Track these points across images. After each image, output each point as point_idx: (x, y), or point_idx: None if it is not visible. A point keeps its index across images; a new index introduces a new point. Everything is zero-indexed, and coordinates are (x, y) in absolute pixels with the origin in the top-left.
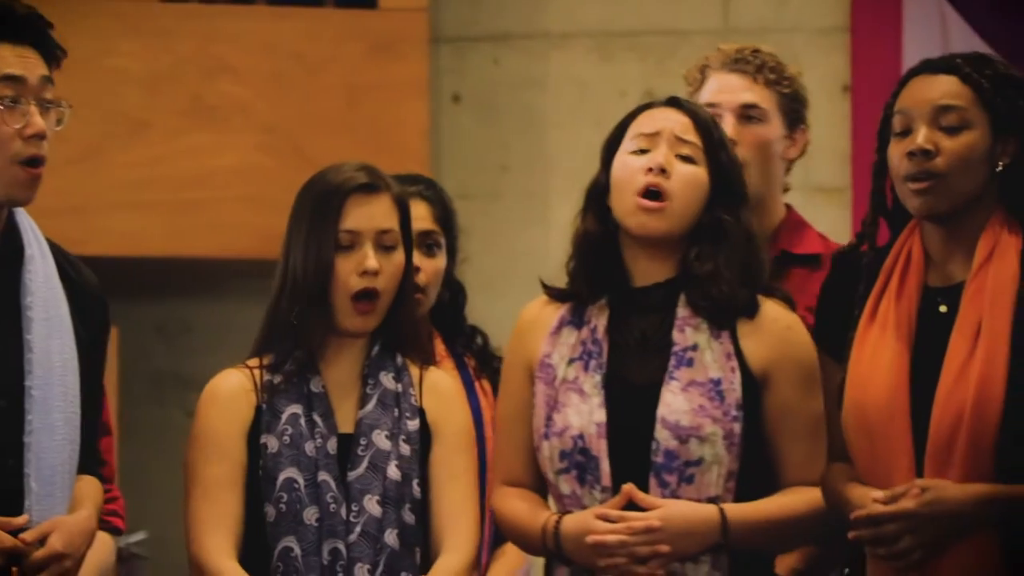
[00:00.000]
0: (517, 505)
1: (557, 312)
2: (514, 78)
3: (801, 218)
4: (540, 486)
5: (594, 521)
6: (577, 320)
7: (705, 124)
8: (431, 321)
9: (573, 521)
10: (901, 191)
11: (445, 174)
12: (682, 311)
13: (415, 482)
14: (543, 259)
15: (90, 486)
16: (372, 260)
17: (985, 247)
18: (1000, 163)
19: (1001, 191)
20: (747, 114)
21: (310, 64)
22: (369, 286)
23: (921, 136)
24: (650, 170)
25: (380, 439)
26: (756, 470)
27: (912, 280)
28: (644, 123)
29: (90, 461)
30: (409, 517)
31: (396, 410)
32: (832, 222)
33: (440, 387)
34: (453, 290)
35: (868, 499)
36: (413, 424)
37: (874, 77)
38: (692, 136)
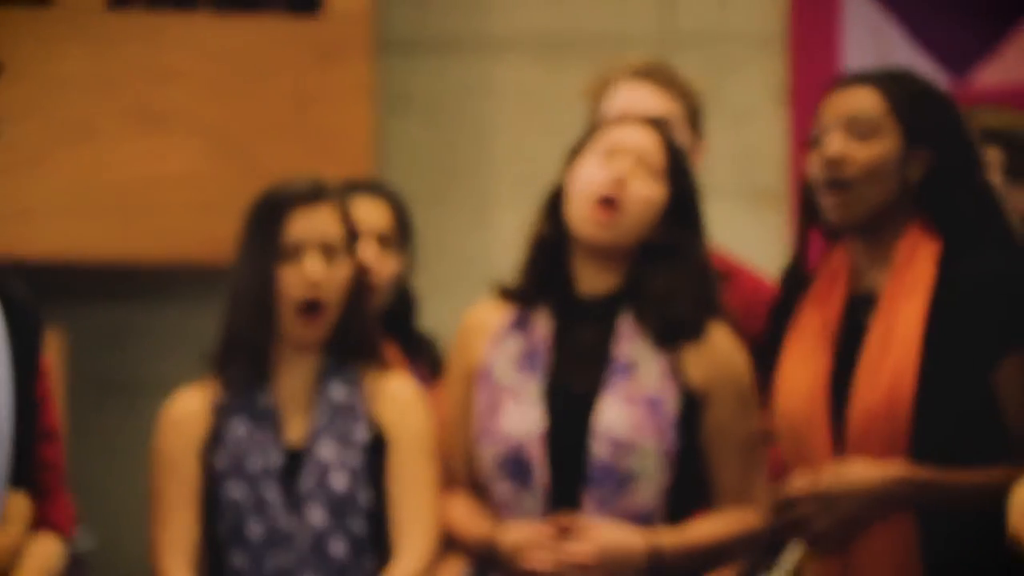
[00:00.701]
0: (459, 513)
1: (501, 317)
2: (460, 84)
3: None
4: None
5: (530, 543)
6: (521, 326)
7: (672, 146)
8: (383, 327)
9: (511, 537)
10: (821, 201)
11: (390, 180)
12: (626, 325)
13: (365, 492)
14: (488, 265)
15: (18, 505)
16: (315, 270)
17: (901, 255)
18: (913, 174)
19: (917, 202)
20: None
21: (255, 70)
22: (313, 296)
23: (833, 144)
24: (608, 181)
25: (328, 451)
26: (689, 487)
27: (836, 290)
28: (611, 136)
29: (24, 471)
30: (359, 527)
31: (345, 421)
32: (770, 228)
33: (397, 394)
34: (406, 299)
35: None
36: (363, 435)
37: (812, 84)
38: (657, 155)
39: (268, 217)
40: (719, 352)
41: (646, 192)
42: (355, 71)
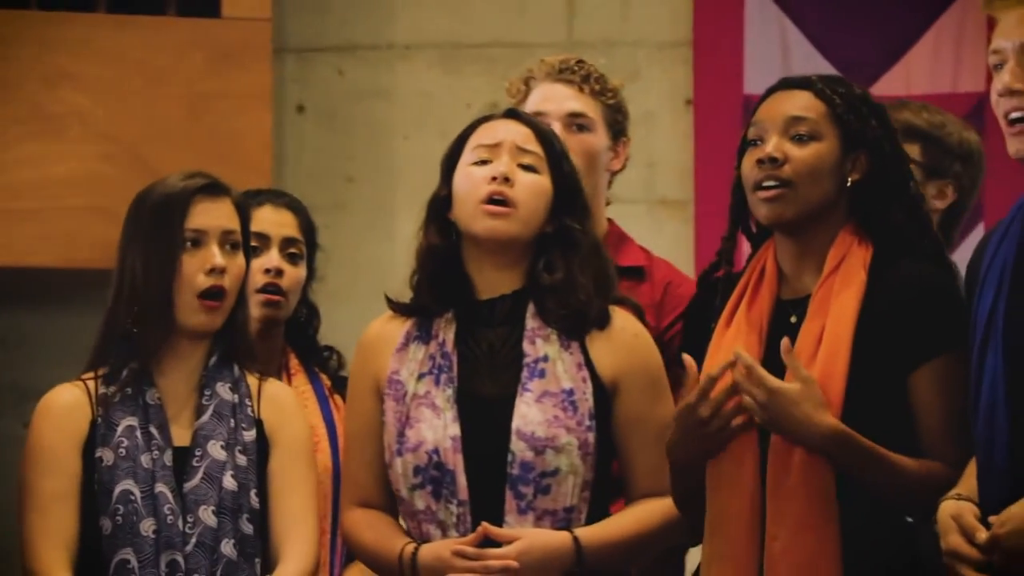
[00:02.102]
0: (372, 529)
1: (402, 327)
2: (359, 89)
3: (622, 231)
4: (391, 505)
5: (451, 558)
6: (424, 335)
7: (546, 135)
8: (285, 337)
9: (431, 553)
10: (751, 201)
11: (289, 185)
12: (531, 322)
13: (252, 492)
14: (388, 271)
15: None
16: (219, 258)
17: (834, 258)
18: (850, 178)
19: (851, 205)
20: (575, 123)
21: (152, 73)
22: (216, 283)
23: (771, 144)
24: (493, 179)
25: (216, 450)
26: (609, 479)
27: (765, 293)
28: (484, 134)
29: None
30: (247, 527)
31: (232, 420)
32: (675, 235)
33: (278, 397)
34: (309, 310)
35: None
36: (249, 435)
37: (716, 91)
38: (533, 146)
39: (168, 207)
40: (625, 339)
41: (531, 184)
42: (254, 75)
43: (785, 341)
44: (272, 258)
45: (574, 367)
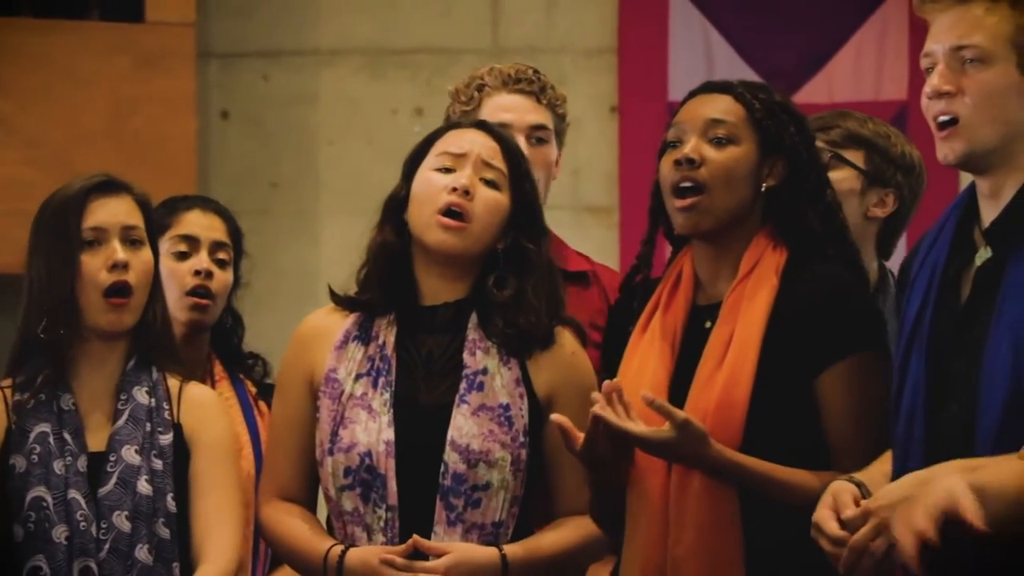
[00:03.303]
0: (295, 525)
1: (342, 324)
2: (284, 94)
3: (558, 237)
4: (311, 500)
5: (380, 566)
6: (364, 335)
7: (513, 152)
8: (210, 343)
9: (359, 558)
10: (669, 207)
11: (213, 190)
12: (473, 333)
13: (169, 496)
14: (313, 276)
15: None
16: (120, 253)
17: (748, 263)
18: (765, 183)
19: (767, 211)
20: (535, 135)
21: (76, 77)
22: (120, 279)
23: (689, 146)
24: (454, 190)
25: (131, 455)
26: (538, 496)
27: (680, 298)
28: (452, 142)
29: None
30: (163, 532)
31: (149, 425)
32: (600, 242)
33: (200, 400)
34: (234, 317)
35: None
36: (166, 438)
37: (641, 98)
38: (498, 162)
39: (65, 209)
40: (563, 356)
41: (490, 200)
42: (178, 80)
43: (645, 393)
44: (202, 260)
45: (512, 382)
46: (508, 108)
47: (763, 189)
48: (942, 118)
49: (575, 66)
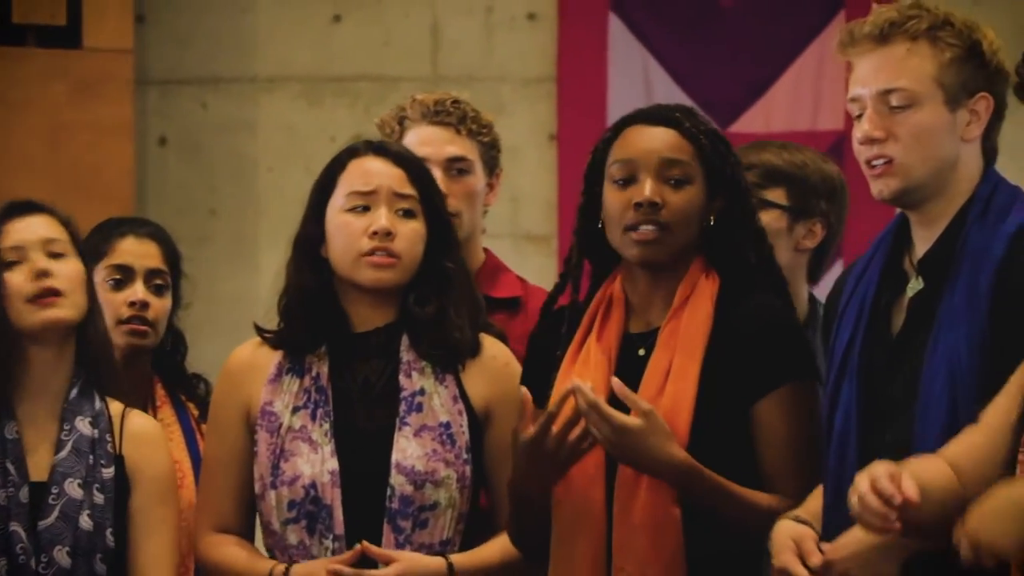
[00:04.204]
0: (234, 552)
1: (273, 357)
2: (222, 121)
3: (499, 262)
4: (249, 534)
5: None
6: (297, 367)
7: (419, 174)
8: (152, 366)
9: (305, 572)
10: (620, 239)
11: (151, 217)
12: (406, 355)
13: (108, 532)
14: (252, 304)
15: None
16: (41, 263)
17: (683, 292)
18: (711, 217)
19: (703, 240)
20: (455, 167)
21: (12, 104)
22: (43, 286)
23: (648, 188)
24: (375, 234)
25: (73, 488)
26: (480, 511)
27: (613, 326)
28: (357, 178)
29: None
30: (100, 568)
31: (91, 457)
32: (539, 269)
33: (141, 433)
34: (175, 337)
35: None
36: (108, 472)
37: (580, 126)
38: (408, 188)
39: None
40: (497, 368)
41: (412, 233)
42: (116, 107)
43: (614, 379)
44: (137, 291)
45: (450, 400)
46: (426, 141)
47: (711, 222)
48: (876, 161)
49: (514, 94)
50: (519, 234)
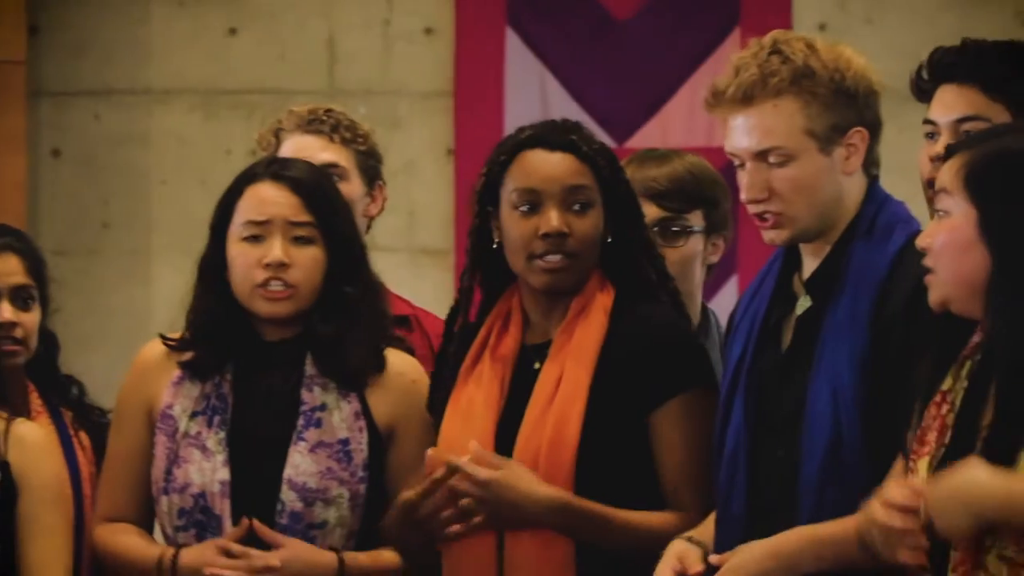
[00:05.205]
0: (127, 539)
1: (180, 359)
2: (116, 134)
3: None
4: (146, 527)
5: (214, 555)
6: (201, 371)
7: (317, 198)
8: (25, 374)
9: (192, 554)
10: (525, 266)
11: (43, 229)
12: (310, 369)
13: None
14: (144, 316)
15: None
16: None
17: (578, 304)
18: (609, 236)
19: (600, 255)
20: (327, 173)
21: None
22: None
23: (555, 219)
24: (268, 265)
25: None
26: (374, 528)
27: (509, 339)
28: (253, 207)
29: None
30: None
31: None
32: (436, 284)
33: (27, 439)
34: (46, 341)
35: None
36: None
37: (477, 140)
38: (304, 216)
39: None
40: (403, 385)
41: (307, 261)
42: (8, 118)
43: (472, 443)
44: (3, 312)
45: (351, 416)
46: (299, 150)
47: (608, 240)
48: (764, 216)
49: (411, 108)
50: (416, 248)
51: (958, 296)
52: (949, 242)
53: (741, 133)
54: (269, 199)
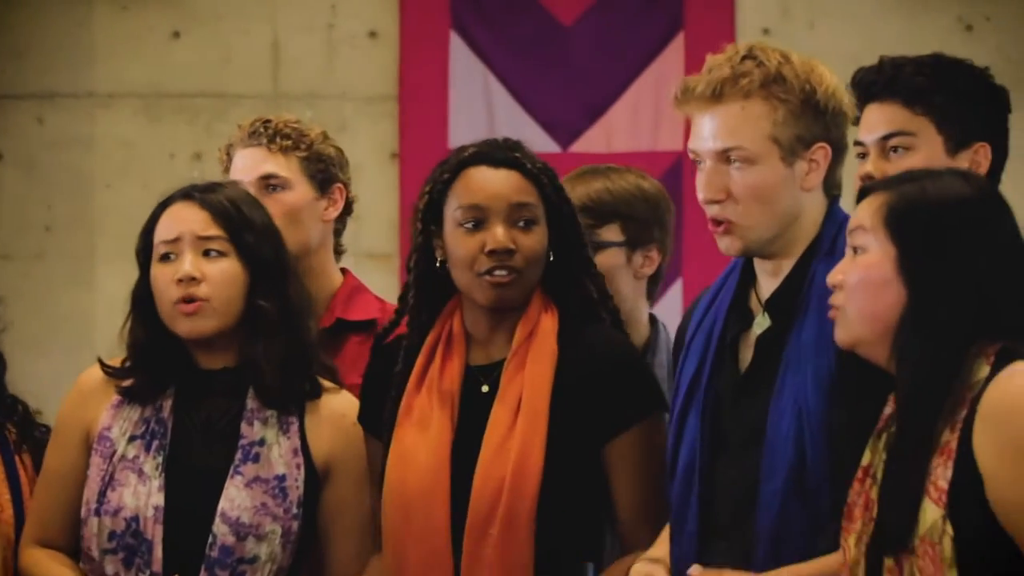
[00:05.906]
0: (55, 571)
1: (120, 383)
2: (59, 137)
3: (359, 283)
4: (75, 551)
5: None
6: (141, 396)
7: (225, 214)
8: None
9: None
10: (471, 283)
11: None
12: (251, 402)
13: None
14: (88, 321)
15: None
16: None
17: (525, 327)
18: (552, 255)
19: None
20: (267, 184)
21: None
22: None
23: (501, 235)
24: (179, 281)
25: None
26: (305, 566)
27: (454, 360)
28: (164, 229)
29: None
30: None
31: None
32: (381, 288)
33: None
34: None
35: None
36: None
37: (422, 145)
38: (213, 230)
39: None
40: (344, 426)
41: (218, 275)
42: None
43: (695, 568)
44: None
45: (289, 452)
46: (241, 165)
47: (550, 258)
48: (718, 218)
49: (356, 112)
50: (360, 252)
51: (867, 336)
52: (865, 278)
53: (706, 131)
54: (179, 217)
